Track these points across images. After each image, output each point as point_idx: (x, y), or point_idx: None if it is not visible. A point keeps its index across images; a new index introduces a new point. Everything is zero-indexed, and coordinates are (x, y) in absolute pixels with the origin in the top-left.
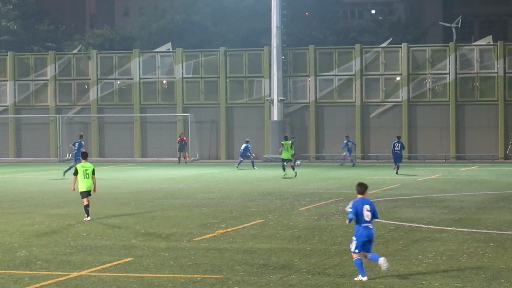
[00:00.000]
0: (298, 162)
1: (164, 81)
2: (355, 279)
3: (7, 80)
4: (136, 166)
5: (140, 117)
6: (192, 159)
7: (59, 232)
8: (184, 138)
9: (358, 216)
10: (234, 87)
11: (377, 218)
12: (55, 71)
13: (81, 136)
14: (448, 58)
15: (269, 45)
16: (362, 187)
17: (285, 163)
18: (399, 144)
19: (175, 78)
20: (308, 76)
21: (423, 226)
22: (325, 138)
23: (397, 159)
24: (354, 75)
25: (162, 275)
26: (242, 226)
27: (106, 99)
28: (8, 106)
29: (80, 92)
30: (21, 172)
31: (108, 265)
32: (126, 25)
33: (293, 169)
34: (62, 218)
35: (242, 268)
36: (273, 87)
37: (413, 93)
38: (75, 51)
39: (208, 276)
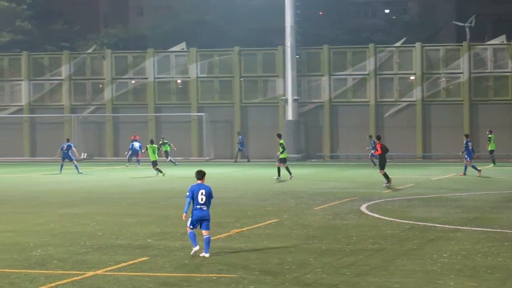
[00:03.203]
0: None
1: (179, 81)
2: (191, 253)
3: (22, 80)
4: (150, 166)
5: (155, 116)
6: (207, 158)
7: (74, 231)
8: (137, 137)
9: (193, 199)
10: (248, 87)
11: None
12: (70, 71)
13: (68, 140)
14: (461, 58)
15: (283, 44)
16: (200, 174)
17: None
18: (472, 143)
19: (189, 77)
20: (322, 75)
21: (437, 225)
22: (340, 137)
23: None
24: (368, 74)
25: (177, 275)
26: (257, 225)
27: (121, 98)
28: (23, 105)
29: (94, 92)
30: (36, 172)
31: (123, 264)
32: (140, 24)
33: (288, 170)
34: (77, 217)
35: (257, 267)
36: (287, 86)
37: (427, 93)
38: (89, 50)
39: (224, 275)
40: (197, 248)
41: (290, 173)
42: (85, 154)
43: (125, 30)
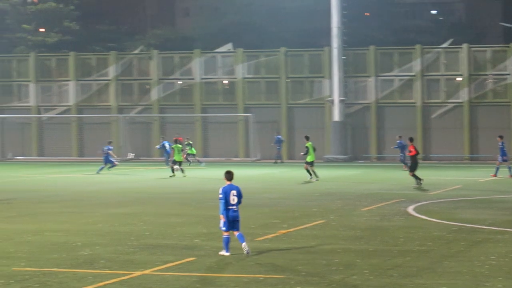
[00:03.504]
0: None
1: (225, 81)
2: (219, 253)
3: (70, 80)
4: (197, 166)
5: (201, 117)
6: (254, 159)
7: (122, 231)
8: (180, 138)
9: (226, 200)
10: (294, 87)
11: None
12: (117, 71)
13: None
14: (508, 59)
15: (329, 45)
16: (229, 175)
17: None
18: (506, 144)
19: (235, 78)
20: (369, 76)
21: (485, 227)
22: (386, 139)
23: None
24: (415, 75)
25: (224, 275)
26: (304, 226)
27: (168, 99)
28: (70, 106)
29: (141, 92)
30: (83, 172)
31: (170, 264)
32: (186, 25)
33: (314, 173)
34: (125, 217)
35: (304, 268)
36: (333, 87)
37: (474, 94)
38: (136, 51)
39: (271, 276)
40: (228, 254)
41: (313, 175)
42: (133, 154)
43: (172, 31)
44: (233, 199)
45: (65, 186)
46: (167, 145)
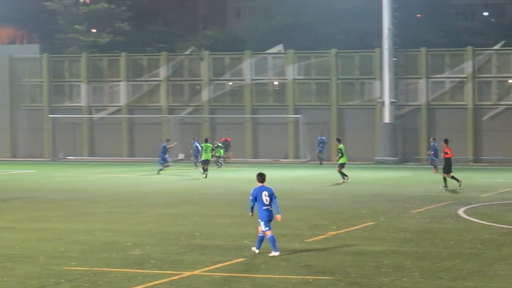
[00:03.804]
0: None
1: (276, 83)
2: (269, 255)
3: (121, 81)
4: (247, 167)
5: (251, 118)
6: (303, 160)
7: (172, 231)
8: (228, 139)
9: (257, 201)
10: (345, 89)
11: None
12: (168, 72)
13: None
14: None
15: (380, 46)
16: (261, 176)
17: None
18: None
19: (286, 79)
20: (420, 78)
21: None
22: (437, 141)
23: None
24: (466, 77)
25: (273, 276)
26: (353, 228)
27: (218, 100)
28: (121, 106)
29: (192, 93)
30: (134, 172)
31: (220, 265)
32: (237, 26)
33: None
34: (175, 217)
35: (353, 270)
36: (384, 89)
37: None
38: (187, 52)
39: (320, 277)
40: (277, 254)
41: (344, 176)
42: (183, 155)
43: (222, 32)
44: (266, 200)
45: (115, 186)
46: (198, 145)
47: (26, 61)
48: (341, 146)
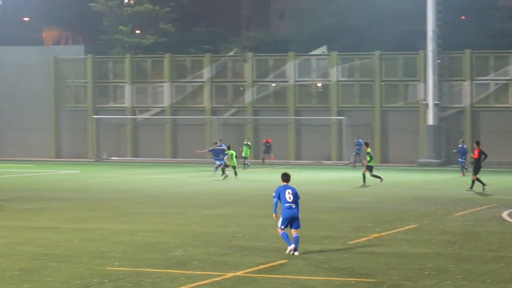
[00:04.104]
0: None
1: (319, 84)
2: (286, 252)
3: (164, 82)
4: (290, 168)
5: (295, 119)
6: (346, 162)
7: (215, 232)
8: (269, 140)
9: (281, 199)
10: (388, 91)
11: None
12: (211, 73)
13: (219, 141)
14: None
15: (424, 48)
16: (286, 176)
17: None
18: None
19: (330, 81)
20: (464, 80)
21: None
22: (481, 143)
23: None
24: (511, 79)
25: (316, 278)
26: (397, 230)
27: (261, 101)
28: (165, 107)
29: (235, 94)
30: (177, 173)
31: (262, 266)
32: (281, 27)
33: (364, 177)
34: (218, 218)
35: (396, 272)
36: (428, 91)
37: None
38: (231, 53)
39: (363, 279)
40: (292, 247)
41: (376, 177)
42: (225, 156)
43: (266, 33)
44: (289, 197)
45: (159, 187)
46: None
47: (70, 62)
48: (369, 150)
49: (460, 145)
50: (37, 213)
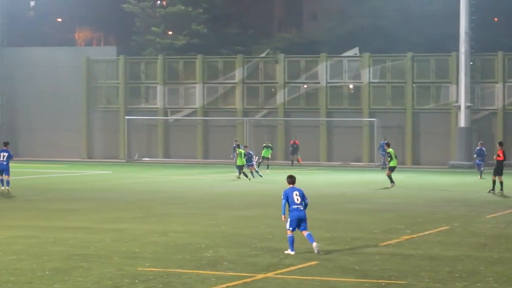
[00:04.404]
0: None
1: (351, 86)
2: (285, 252)
3: (196, 83)
4: (321, 170)
5: (326, 121)
6: (378, 164)
7: (245, 233)
8: (297, 142)
9: (289, 200)
10: (420, 93)
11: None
12: (243, 75)
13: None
14: None
15: (456, 50)
16: (291, 178)
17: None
18: None
19: (361, 82)
20: (496, 82)
21: None
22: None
23: None
24: None
25: (346, 280)
26: (428, 232)
27: (293, 102)
28: (197, 108)
29: (267, 96)
30: (208, 174)
31: (293, 268)
32: (313, 29)
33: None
34: (248, 219)
35: (427, 274)
36: (460, 93)
37: None
38: (263, 54)
39: (393, 281)
40: (292, 253)
41: (391, 182)
42: (256, 157)
43: (298, 35)
44: (297, 199)
45: (190, 188)
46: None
47: (103, 62)
48: (390, 150)
49: (478, 148)
50: (68, 213)
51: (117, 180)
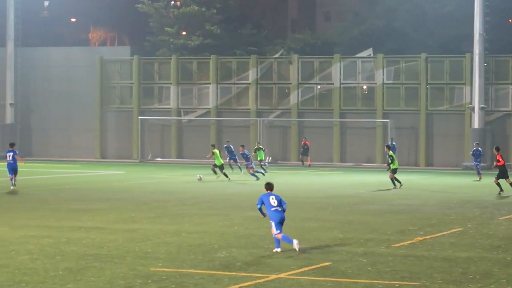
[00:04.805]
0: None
1: (364, 87)
2: (273, 250)
3: (210, 83)
4: (334, 171)
5: (339, 122)
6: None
7: (258, 234)
8: (307, 142)
9: (265, 204)
10: (434, 94)
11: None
12: (257, 75)
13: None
14: None
15: (471, 51)
16: (269, 185)
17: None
18: None
19: (375, 83)
20: (511, 84)
21: None
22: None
23: None
24: None
25: (359, 281)
26: (441, 234)
27: (306, 103)
28: (210, 108)
29: (280, 96)
30: (220, 174)
31: (306, 268)
32: (327, 30)
33: (396, 180)
34: (260, 220)
35: (440, 276)
36: (474, 94)
37: None
38: (276, 55)
39: (406, 283)
40: (278, 250)
41: (397, 182)
42: (269, 158)
43: (312, 35)
44: (274, 202)
45: (203, 188)
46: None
47: (116, 62)
48: (391, 152)
49: (474, 148)
50: (81, 213)
51: (130, 180)
